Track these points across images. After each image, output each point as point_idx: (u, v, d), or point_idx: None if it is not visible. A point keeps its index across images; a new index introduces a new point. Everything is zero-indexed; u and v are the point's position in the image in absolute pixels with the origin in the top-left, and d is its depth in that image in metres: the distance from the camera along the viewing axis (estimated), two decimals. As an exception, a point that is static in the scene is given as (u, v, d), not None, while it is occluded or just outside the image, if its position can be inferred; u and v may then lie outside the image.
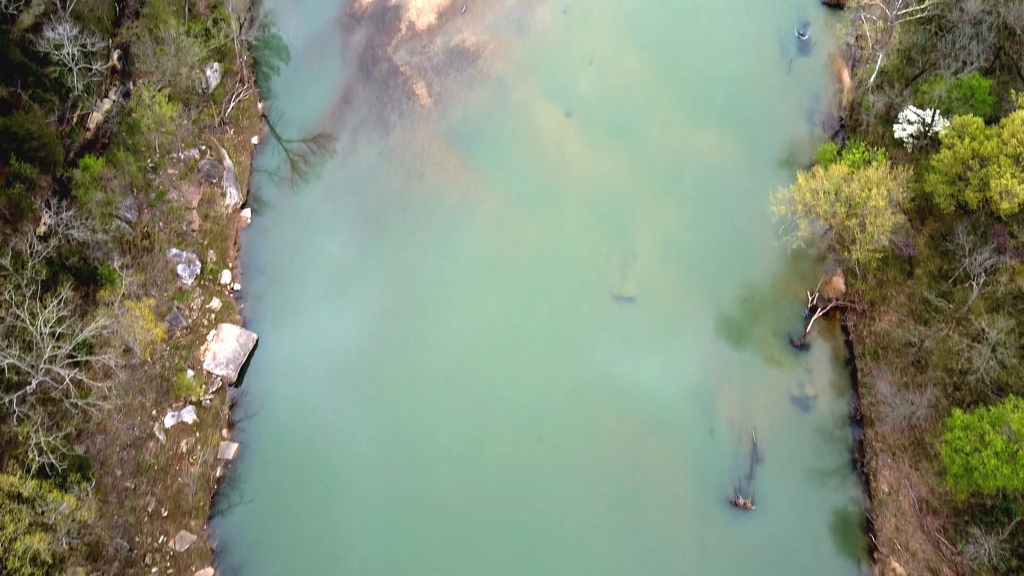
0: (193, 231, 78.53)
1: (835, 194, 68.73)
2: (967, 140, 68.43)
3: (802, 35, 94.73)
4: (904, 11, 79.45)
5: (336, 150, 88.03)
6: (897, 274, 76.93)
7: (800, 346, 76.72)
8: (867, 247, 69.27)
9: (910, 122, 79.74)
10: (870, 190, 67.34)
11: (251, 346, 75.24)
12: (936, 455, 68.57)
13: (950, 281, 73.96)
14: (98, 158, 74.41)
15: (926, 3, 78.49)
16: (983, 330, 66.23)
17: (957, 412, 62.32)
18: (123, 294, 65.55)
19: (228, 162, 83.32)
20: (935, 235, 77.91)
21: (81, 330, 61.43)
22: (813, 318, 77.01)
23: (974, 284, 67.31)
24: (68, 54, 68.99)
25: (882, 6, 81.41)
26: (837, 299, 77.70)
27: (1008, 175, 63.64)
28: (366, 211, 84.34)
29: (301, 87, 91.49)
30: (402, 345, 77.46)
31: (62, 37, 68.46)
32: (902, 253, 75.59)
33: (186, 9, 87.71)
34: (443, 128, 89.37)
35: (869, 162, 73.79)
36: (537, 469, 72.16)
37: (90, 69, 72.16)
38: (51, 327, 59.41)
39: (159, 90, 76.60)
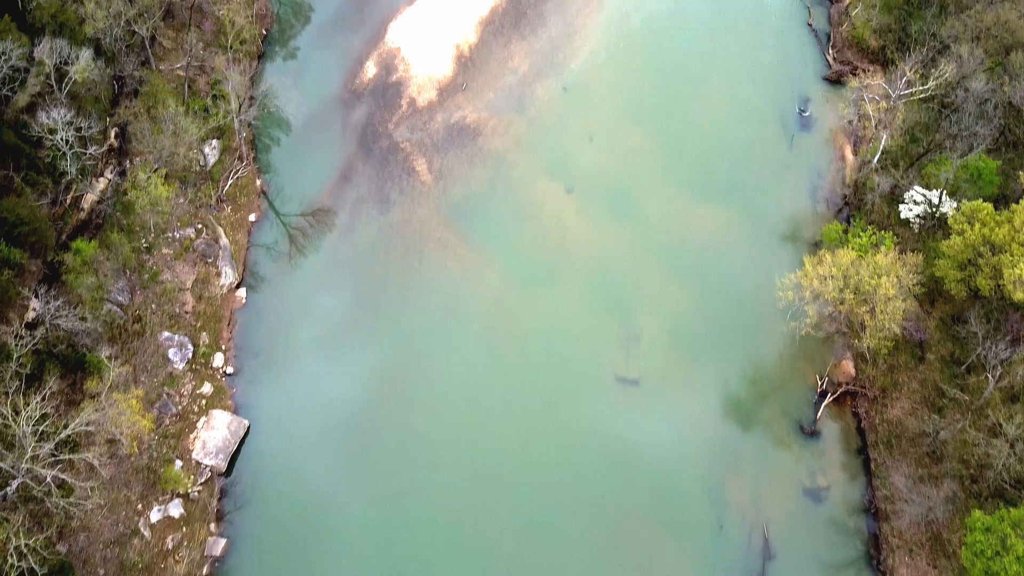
0: (186, 313, 76.68)
1: (843, 280, 67.12)
2: (977, 226, 67.18)
3: (803, 111, 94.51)
4: (907, 91, 79.05)
5: (335, 226, 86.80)
6: (908, 359, 74.92)
7: (811, 433, 74.32)
8: (877, 335, 67.40)
9: (916, 203, 78.78)
10: (879, 277, 65.80)
11: (242, 433, 72.73)
12: (955, 552, 65.62)
13: (963, 368, 71.94)
14: (91, 240, 72.95)
15: (930, 84, 78.10)
16: (1000, 424, 63.92)
17: (977, 513, 59.64)
18: (110, 386, 63.22)
19: (224, 240, 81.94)
20: (946, 318, 76.13)
21: (65, 426, 59.01)
22: (823, 404, 74.81)
23: (990, 376, 65.29)
24: (62, 139, 68.01)
25: (884, 86, 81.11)
26: (847, 384, 75.53)
27: (1022, 264, 62.13)
28: (364, 290, 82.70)
29: (301, 163, 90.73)
30: (401, 427, 75.02)
31: (56, 122, 67.47)
32: (913, 337, 73.74)
33: (186, 86, 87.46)
34: (443, 205, 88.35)
35: (877, 246, 72.41)
36: (537, 555, 69.10)
37: (84, 153, 71.00)
38: (34, 425, 57.01)
39: (155, 171, 75.59)
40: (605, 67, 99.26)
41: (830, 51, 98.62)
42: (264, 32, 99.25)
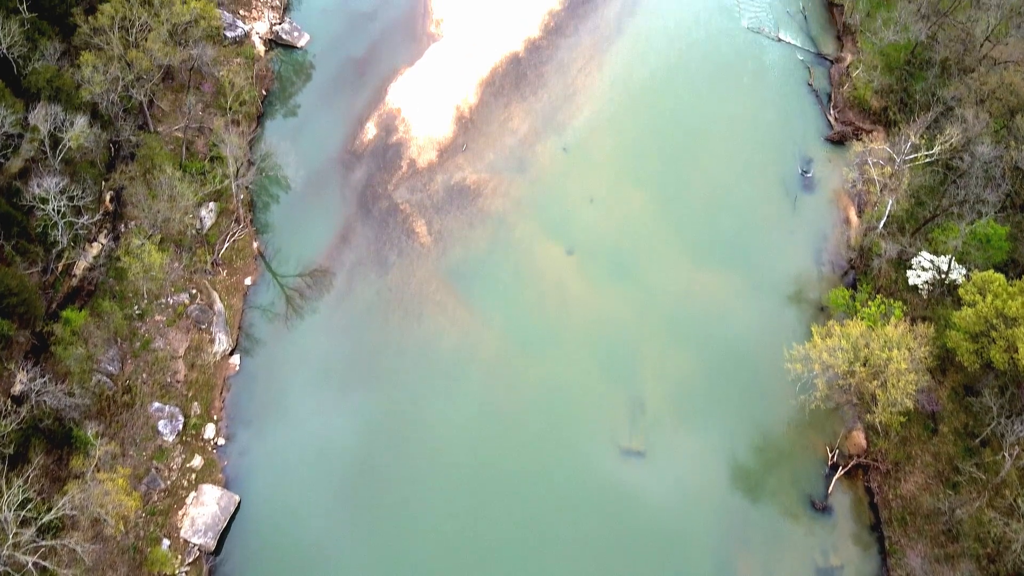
0: (178, 382, 74.66)
1: (853, 353, 65.30)
2: (989, 298, 65.64)
3: (806, 172, 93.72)
4: (912, 156, 78.19)
5: (332, 289, 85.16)
6: (921, 431, 72.77)
7: (822, 509, 71.82)
8: (889, 409, 65.35)
9: (924, 269, 77.29)
10: (891, 350, 63.98)
11: (232, 509, 70.15)
12: (976, 638, 62.75)
13: (978, 441, 69.78)
14: (81, 309, 71.37)
15: (935, 149, 77.26)
16: (1018, 505, 61.52)
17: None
18: (96, 466, 60.93)
19: (219, 305, 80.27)
20: (958, 388, 74.20)
21: (49, 509, 56.64)
22: (835, 477, 72.45)
23: (1007, 455, 63.08)
24: (54, 209, 66.75)
25: (888, 150, 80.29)
26: (859, 457, 73.28)
27: (1037, 339, 60.46)
28: (361, 356, 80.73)
29: (299, 224, 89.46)
30: (398, 500, 72.55)
31: (48, 191, 66.25)
32: (925, 409, 71.71)
33: (183, 148, 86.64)
34: (442, 267, 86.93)
35: (886, 316, 70.76)
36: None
37: (76, 222, 69.68)
38: (16, 509, 54.65)
39: (149, 237, 74.28)
40: (605, 128, 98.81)
41: (831, 111, 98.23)
42: (264, 92, 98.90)
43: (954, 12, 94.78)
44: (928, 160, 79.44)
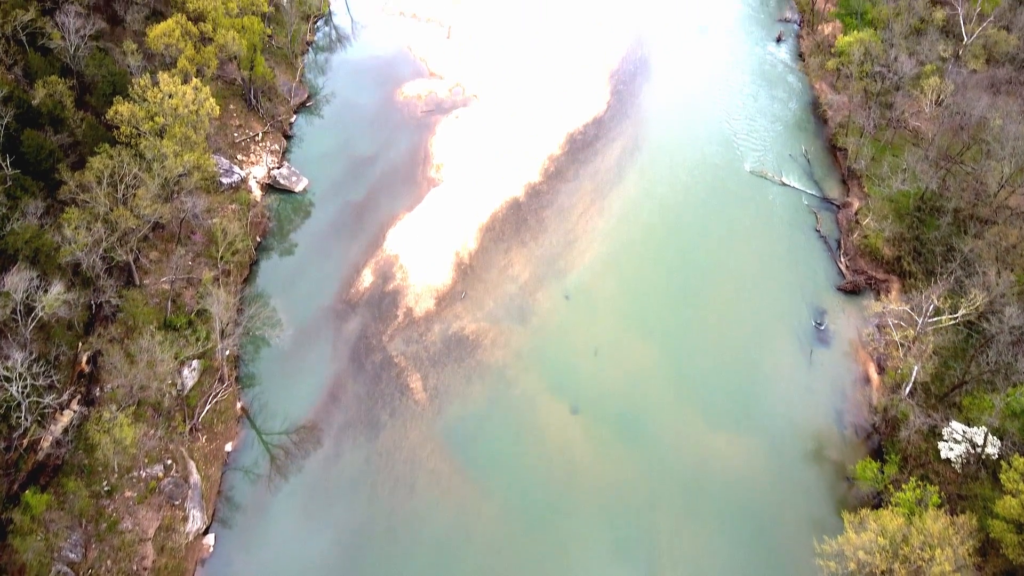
0: (144, 569, 67.89)
1: (892, 550, 59.01)
2: (1035, 487, 59.99)
3: (819, 324, 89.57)
4: (934, 319, 74.12)
5: (319, 454, 79.37)
6: (966, 628, 65.34)
7: None
8: (934, 613, 58.45)
9: (956, 441, 71.78)
10: (932, 548, 57.74)
11: None
12: None
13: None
14: (45, 488, 65.69)
15: (960, 313, 73.25)
16: None
17: None
18: None
19: (195, 477, 74.36)
20: (999, 575, 67.32)
21: None
22: None
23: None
24: (18, 390, 62.04)
25: (909, 311, 76.29)
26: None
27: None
28: (346, 534, 73.84)
29: (287, 379, 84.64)
30: None
31: (13, 369, 61.69)
32: (969, 604, 64.58)
33: (169, 302, 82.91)
34: (438, 428, 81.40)
35: (922, 502, 64.76)
36: None
37: (41, 403, 64.79)
38: None
39: (122, 409, 69.26)
40: (609, 274, 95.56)
41: (842, 259, 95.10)
42: (259, 239, 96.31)
43: (962, 157, 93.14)
44: (952, 322, 75.28)
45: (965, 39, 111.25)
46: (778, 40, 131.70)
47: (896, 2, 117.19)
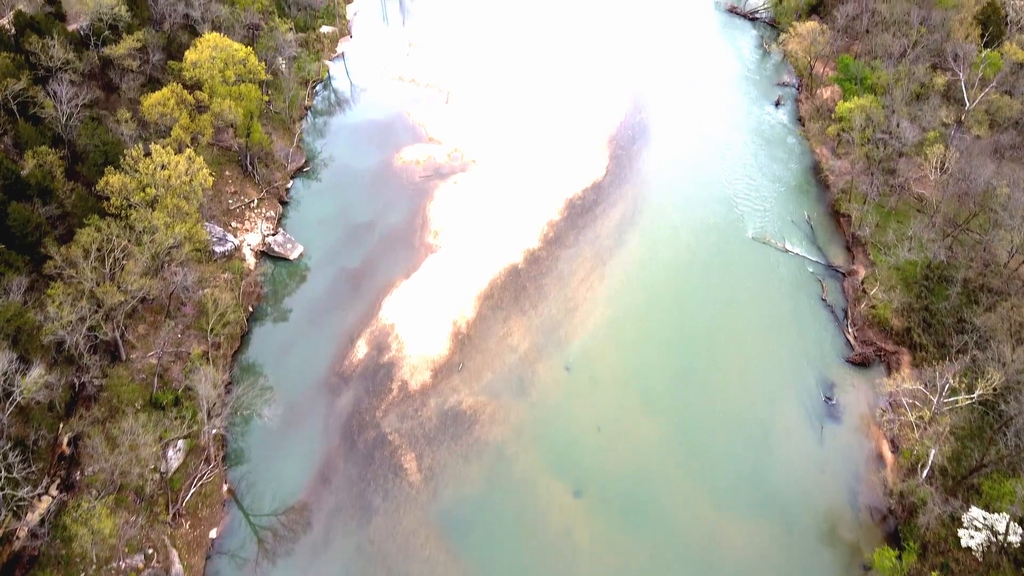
0: (120, 671, 63.74)
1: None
2: (1066, 587, 56.38)
3: (829, 399, 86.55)
4: (951, 399, 71.25)
5: (307, 540, 75.31)
6: None
7: None
8: None
9: (977, 528, 68.26)
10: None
11: None
12: None
13: None
14: (15, 586, 61.72)
15: (976, 393, 70.43)
16: None
17: None
18: None
19: (178, 567, 70.47)
20: (1033, 675, 63.30)
21: None
22: None
23: None
24: (-10, 484, 58.99)
25: (923, 390, 73.46)
26: None
27: None
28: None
29: (276, 459, 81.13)
30: None
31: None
32: None
33: (155, 378, 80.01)
34: (433, 513, 77.65)
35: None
36: None
37: (16, 495, 61.51)
38: None
39: (101, 497, 65.83)
40: (610, 343, 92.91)
41: (849, 329, 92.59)
42: (251, 309, 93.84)
43: (969, 225, 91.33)
44: (968, 401, 72.43)
45: (967, 104, 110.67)
46: (777, 104, 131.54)
47: (896, 68, 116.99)
